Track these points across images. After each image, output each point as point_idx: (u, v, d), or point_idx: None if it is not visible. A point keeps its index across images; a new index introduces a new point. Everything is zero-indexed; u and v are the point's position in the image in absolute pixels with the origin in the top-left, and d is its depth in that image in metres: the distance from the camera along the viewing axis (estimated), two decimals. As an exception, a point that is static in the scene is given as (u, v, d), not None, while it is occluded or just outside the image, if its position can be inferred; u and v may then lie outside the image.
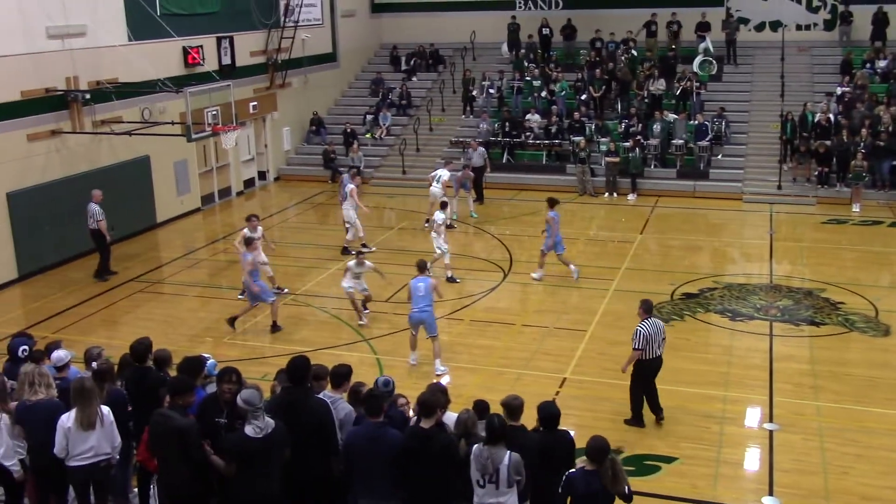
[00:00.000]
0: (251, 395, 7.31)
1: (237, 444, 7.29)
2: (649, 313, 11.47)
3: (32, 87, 18.73)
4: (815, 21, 30.13)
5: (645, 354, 11.33)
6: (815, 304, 16.28)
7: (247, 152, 27.10)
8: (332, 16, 31.04)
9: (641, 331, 11.25)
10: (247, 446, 7.24)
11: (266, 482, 7.37)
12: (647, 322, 11.33)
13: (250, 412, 7.25)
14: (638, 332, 11.26)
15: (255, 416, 7.25)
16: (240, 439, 7.28)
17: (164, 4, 22.36)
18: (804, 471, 10.62)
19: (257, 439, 7.23)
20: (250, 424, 7.26)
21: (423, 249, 20.15)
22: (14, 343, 9.78)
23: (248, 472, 7.33)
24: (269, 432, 7.27)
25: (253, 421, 7.25)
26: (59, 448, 8.07)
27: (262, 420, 7.27)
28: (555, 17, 31.53)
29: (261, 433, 7.24)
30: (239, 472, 7.34)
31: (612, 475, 7.01)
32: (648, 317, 11.40)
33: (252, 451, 7.24)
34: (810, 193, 23.93)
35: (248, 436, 7.24)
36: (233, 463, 7.33)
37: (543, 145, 26.88)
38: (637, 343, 11.25)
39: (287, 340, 14.96)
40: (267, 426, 7.28)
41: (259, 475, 7.33)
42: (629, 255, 19.47)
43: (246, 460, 7.29)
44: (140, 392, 8.66)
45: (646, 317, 11.40)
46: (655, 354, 11.44)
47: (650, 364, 11.46)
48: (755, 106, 27.74)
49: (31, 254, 18.67)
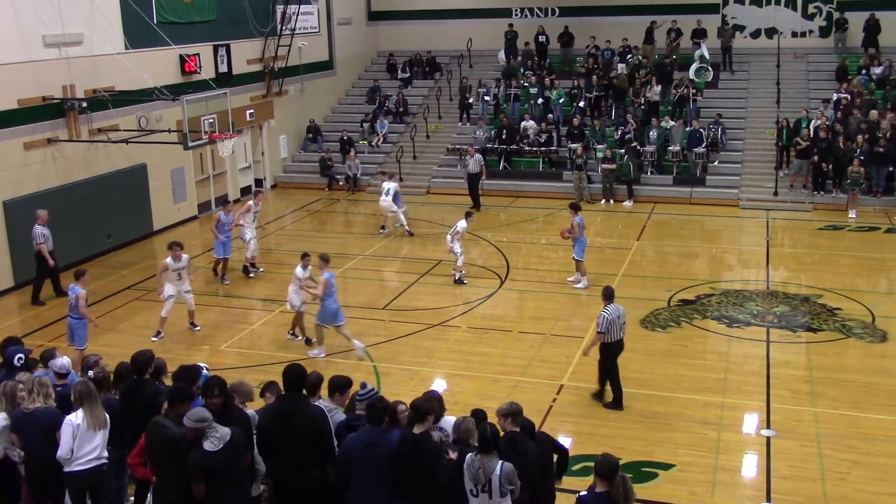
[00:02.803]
0: (194, 413, 7.30)
1: (200, 463, 7.26)
2: (610, 299, 12.22)
3: (29, 95, 18.73)
4: (810, 28, 30.23)
5: (609, 338, 12.10)
6: (812, 310, 16.29)
7: (244, 160, 27.11)
8: (328, 23, 31.09)
9: (605, 315, 12.05)
10: (210, 462, 7.23)
11: (236, 491, 7.37)
12: (609, 308, 12.11)
13: (205, 428, 7.24)
14: (602, 317, 12.06)
15: (209, 431, 7.24)
16: (201, 457, 7.25)
17: (161, 13, 22.39)
18: (802, 477, 10.60)
19: (218, 452, 7.23)
20: (207, 439, 7.24)
21: (419, 257, 20.24)
22: (10, 351, 9.76)
23: (216, 486, 7.30)
24: (227, 441, 7.27)
25: (210, 435, 7.24)
26: (66, 449, 8.04)
27: (217, 431, 7.26)
28: (552, 24, 31.61)
29: (220, 444, 7.24)
30: (209, 487, 7.32)
31: (624, 493, 6.97)
32: (610, 302, 12.17)
33: (214, 466, 7.23)
34: (807, 200, 23.97)
35: (209, 451, 7.23)
36: (200, 482, 7.29)
37: (540, 152, 26.92)
38: (601, 327, 12.05)
39: (284, 348, 14.95)
40: (224, 436, 7.28)
41: (226, 487, 7.32)
42: (626, 262, 19.48)
43: (211, 476, 7.27)
44: (135, 403, 8.62)
45: (607, 303, 12.16)
46: (618, 337, 12.22)
47: (614, 346, 12.22)
48: (751, 113, 27.80)
49: (28, 262, 18.57)
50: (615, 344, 12.22)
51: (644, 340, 14.92)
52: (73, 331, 13.77)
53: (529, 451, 7.61)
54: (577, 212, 17.74)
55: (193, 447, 7.36)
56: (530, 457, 7.55)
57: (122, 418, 8.44)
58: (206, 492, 7.32)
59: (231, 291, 18.24)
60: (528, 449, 7.61)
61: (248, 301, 17.67)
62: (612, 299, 12.24)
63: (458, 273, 18.12)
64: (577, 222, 17.41)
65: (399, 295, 17.65)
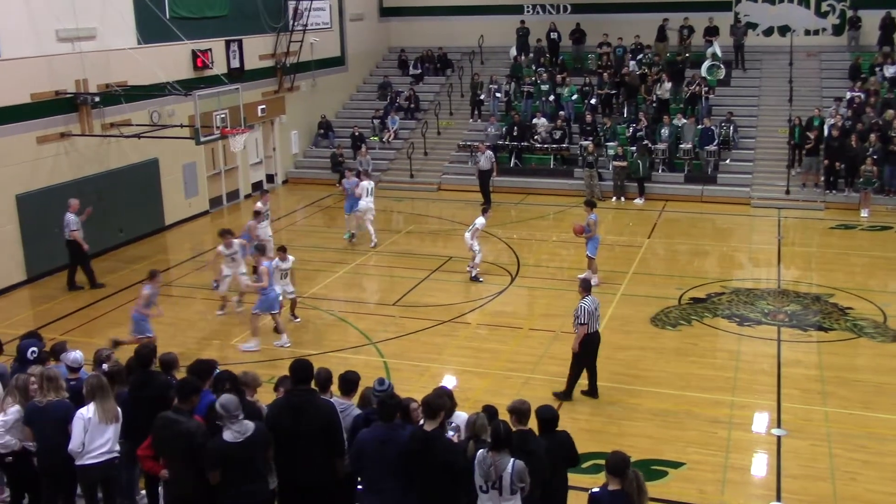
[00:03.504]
0: (228, 401, 7.35)
1: (218, 451, 7.31)
2: (587, 291, 12.33)
3: (42, 89, 18.81)
4: (823, 26, 30.06)
5: (589, 328, 12.13)
6: (824, 309, 16.23)
7: (255, 155, 27.17)
8: (340, 19, 31.11)
9: (584, 306, 12.09)
10: (227, 452, 7.27)
11: (250, 486, 7.40)
12: (587, 299, 12.18)
13: (226, 418, 7.28)
14: (581, 308, 12.10)
15: (233, 422, 7.28)
16: (220, 446, 7.30)
17: (174, 8, 22.44)
18: (812, 476, 10.58)
19: (237, 444, 7.27)
20: (229, 430, 7.29)
21: (430, 253, 20.25)
22: (24, 344, 9.84)
23: (231, 477, 7.34)
24: (248, 435, 7.31)
25: (231, 426, 7.28)
26: (77, 443, 8.09)
27: (239, 425, 7.30)
28: (564, 21, 31.53)
29: (241, 437, 7.28)
30: (224, 478, 7.36)
31: (637, 487, 6.97)
32: (587, 294, 12.26)
33: (232, 456, 7.27)
34: (819, 198, 23.87)
35: (228, 441, 7.27)
36: (216, 470, 7.34)
37: (551, 149, 26.89)
38: (582, 318, 12.06)
39: (295, 343, 14.98)
40: (246, 430, 7.32)
41: (242, 479, 7.36)
42: (637, 260, 19.45)
43: (227, 466, 7.31)
44: (144, 396, 8.66)
45: (585, 294, 12.24)
46: (595, 329, 12.28)
47: (592, 338, 12.25)
48: (763, 111, 27.69)
49: (40, 256, 18.72)
50: (594, 335, 12.29)
51: (654, 338, 14.92)
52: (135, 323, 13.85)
53: (539, 449, 7.62)
54: (592, 209, 17.75)
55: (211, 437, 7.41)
56: (540, 455, 7.55)
57: (132, 410, 8.48)
58: (223, 481, 7.35)
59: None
60: (537, 448, 7.62)
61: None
62: (589, 291, 12.37)
63: (475, 270, 18.13)
64: (592, 220, 17.41)
65: (409, 291, 17.66)
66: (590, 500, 7.13)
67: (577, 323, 12.14)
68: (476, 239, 18.02)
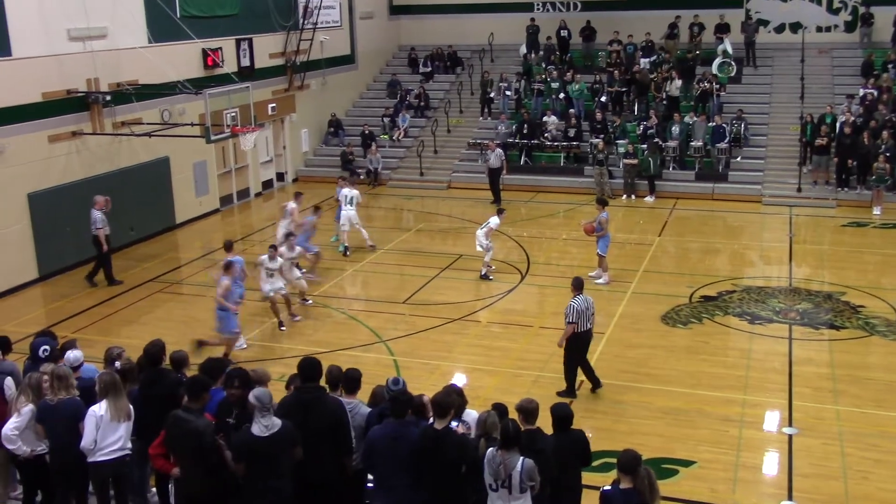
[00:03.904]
0: (262, 393, 7.37)
1: (243, 443, 7.35)
2: (579, 290, 12.46)
3: (54, 88, 18.89)
4: (835, 23, 29.92)
5: (578, 327, 12.27)
6: (835, 307, 16.16)
7: (265, 154, 27.22)
8: (350, 18, 31.13)
9: (574, 305, 12.25)
10: (252, 445, 7.29)
11: (275, 481, 7.40)
12: (578, 298, 12.33)
13: (258, 410, 7.30)
14: (570, 307, 12.26)
15: (263, 415, 7.30)
16: (245, 438, 7.34)
17: (184, 7, 22.50)
18: (824, 475, 10.55)
19: (263, 438, 7.28)
20: (257, 423, 7.31)
21: (440, 251, 20.25)
22: (36, 343, 9.87)
23: (256, 471, 7.37)
24: (275, 431, 7.31)
25: (260, 420, 7.31)
26: (89, 440, 8.12)
27: (268, 419, 7.32)
28: (574, 18, 31.46)
29: (267, 432, 7.29)
30: (247, 472, 7.39)
31: (649, 485, 6.95)
32: (579, 293, 12.40)
33: (258, 450, 7.29)
34: (830, 196, 23.76)
35: (254, 434, 7.30)
36: (241, 462, 7.38)
37: (561, 147, 26.85)
38: (570, 317, 12.24)
39: (305, 341, 15.02)
40: (273, 425, 7.33)
41: (267, 474, 7.37)
42: (647, 258, 19.40)
43: (253, 459, 7.34)
44: (154, 394, 8.69)
45: (576, 293, 12.40)
46: (586, 328, 12.43)
47: (582, 336, 12.40)
48: (775, 108, 27.57)
49: (52, 254, 18.82)
50: (584, 334, 12.41)
51: (665, 337, 14.89)
52: (218, 319, 14.01)
53: (547, 448, 7.62)
54: (603, 207, 17.75)
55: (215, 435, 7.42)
56: (548, 454, 7.55)
57: (142, 408, 8.51)
58: (247, 475, 7.38)
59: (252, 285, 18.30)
60: (546, 447, 7.62)
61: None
62: (580, 290, 12.46)
63: (486, 268, 18.13)
64: (603, 218, 17.40)
65: (419, 289, 17.67)
66: (601, 499, 7.11)
67: (566, 321, 12.33)
68: (489, 238, 18.03)
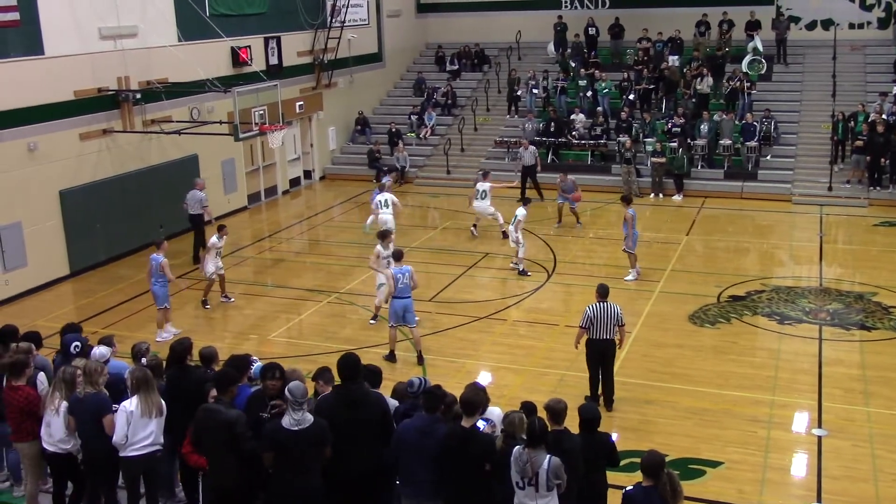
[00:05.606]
0: (296, 387, 7.42)
1: (272, 433, 7.41)
2: (601, 297, 12.08)
3: (85, 87, 19.10)
4: (868, 19, 29.52)
5: (591, 334, 11.97)
6: (866, 308, 15.96)
7: (293, 152, 27.35)
8: (377, 16, 31.19)
9: (587, 312, 11.97)
10: (280, 436, 7.33)
11: (302, 477, 7.43)
12: (595, 304, 11.98)
13: (290, 403, 7.34)
14: (584, 312, 12.01)
15: (295, 409, 7.34)
16: (275, 428, 7.39)
17: (213, 5, 22.66)
18: (854, 478, 10.42)
19: (292, 431, 7.32)
20: (288, 416, 7.36)
21: (467, 249, 20.21)
22: (67, 339, 9.99)
23: (285, 464, 7.41)
24: (305, 427, 7.35)
25: (291, 413, 7.35)
26: (120, 435, 8.20)
27: (300, 414, 7.35)
28: (602, 16, 31.31)
29: (296, 426, 7.33)
30: (276, 464, 7.44)
31: (671, 489, 6.93)
32: (601, 300, 12.01)
33: (286, 442, 7.33)
34: (862, 195, 23.46)
35: (283, 426, 7.34)
36: (270, 452, 7.44)
37: (588, 145, 26.73)
38: (582, 322, 12.03)
39: (331, 339, 15.07)
40: (304, 421, 7.36)
41: (295, 469, 7.41)
42: (675, 257, 19.27)
43: (281, 451, 7.38)
44: (180, 390, 8.77)
45: (598, 300, 12.03)
46: (602, 337, 11.99)
47: (597, 344, 12.04)
48: (805, 106, 27.26)
49: (83, 250, 19.04)
50: (599, 342, 12.02)
51: (693, 336, 14.78)
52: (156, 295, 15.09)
53: (575, 448, 7.61)
54: (628, 205, 17.67)
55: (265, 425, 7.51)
56: (576, 454, 7.54)
57: (168, 404, 8.59)
58: (275, 467, 7.42)
59: (279, 282, 18.44)
60: (573, 447, 7.61)
61: (297, 291, 17.80)
62: (603, 297, 12.02)
63: (521, 264, 18.11)
64: (629, 215, 17.33)
65: (445, 287, 17.67)
66: (623, 499, 7.11)
67: (579, 325, 12.18)
68: (520, 231, 17.99)
